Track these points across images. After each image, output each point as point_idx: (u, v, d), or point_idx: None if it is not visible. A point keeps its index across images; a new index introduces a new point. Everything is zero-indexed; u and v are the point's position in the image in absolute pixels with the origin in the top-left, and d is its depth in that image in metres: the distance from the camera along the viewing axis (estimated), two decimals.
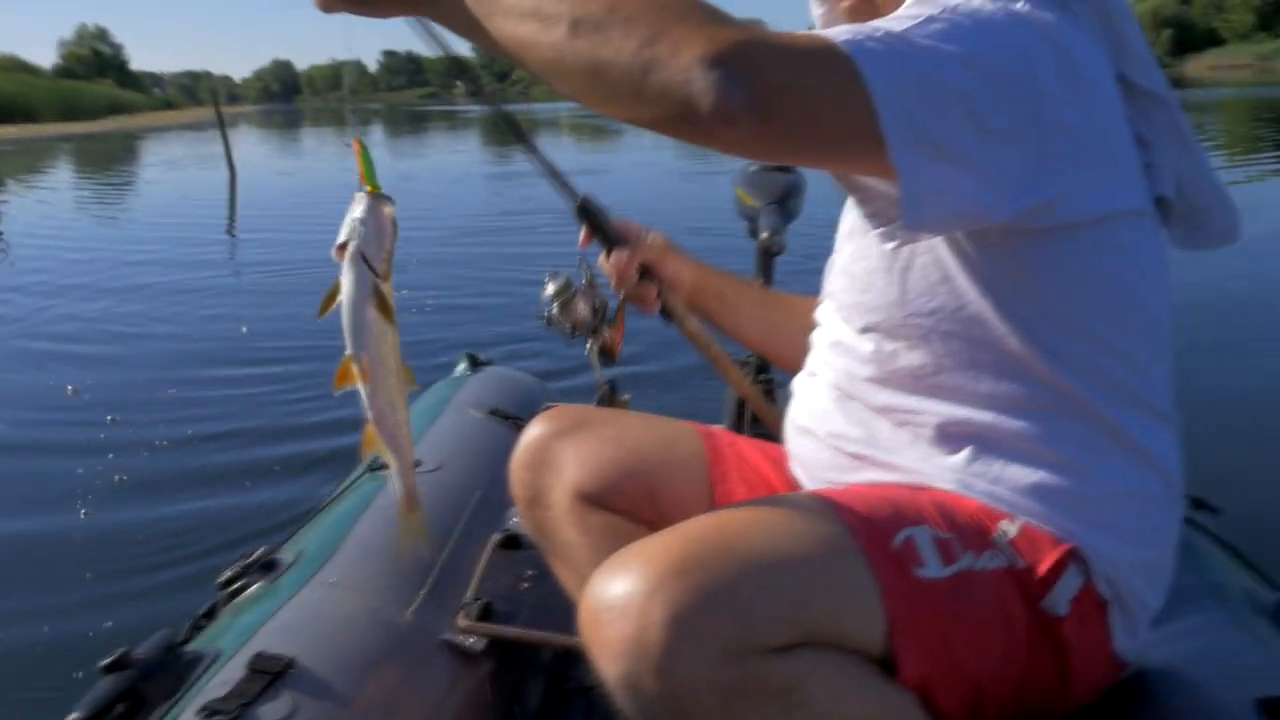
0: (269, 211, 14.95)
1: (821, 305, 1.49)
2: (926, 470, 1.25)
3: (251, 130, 53.47)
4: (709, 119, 0.92)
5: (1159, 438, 1.25)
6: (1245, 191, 12.41)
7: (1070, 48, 1.11)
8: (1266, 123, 26.25)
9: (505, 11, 1.01)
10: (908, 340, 1.26)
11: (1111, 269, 1.19)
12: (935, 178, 1.02)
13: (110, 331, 7.23)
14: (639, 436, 1.59)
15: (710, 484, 1.56)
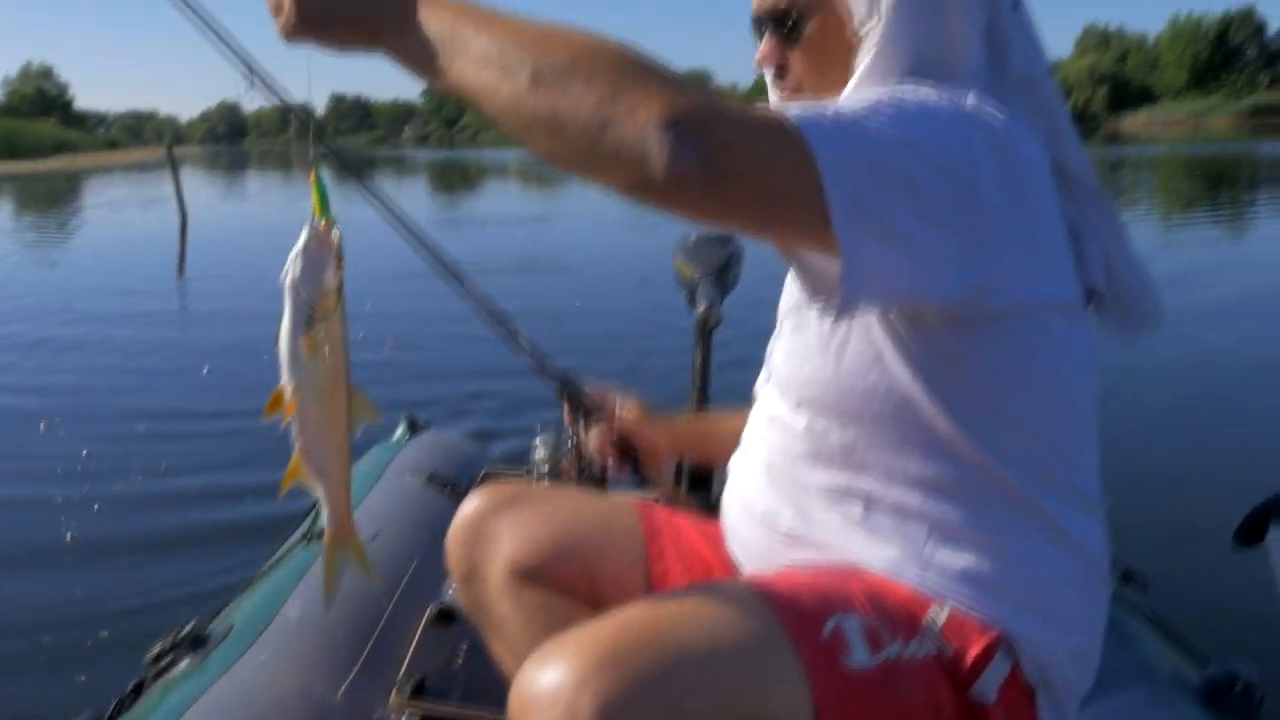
0: (218, 255, 14.85)
1: (760, 380, 1.50)
2: (857, 552, 1.25)
3: (197, 171, 52.89)
4: (661, 179, 0.92)
5: (1086, 523, 1.25)
6: (1181, 254, 12.72)
7: (1010, 142, 1.14)
8: (1201, 180, 26.90)
9: (469, 56, 1.00)
10: (839, 418, 1.26)
11: (1041, 358, 1.20)
12: (875, 254, 1.02)
13: (45, 383, 7.15)
14: (576, 512, 1.59)
15: (646, 561, 1.55)
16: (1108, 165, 34.23)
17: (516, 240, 15.25)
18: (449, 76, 1.03)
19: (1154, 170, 32.04)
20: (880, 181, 1.02)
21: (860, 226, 1.00)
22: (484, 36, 1.00)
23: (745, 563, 1.41)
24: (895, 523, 1.23)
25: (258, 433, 5.40)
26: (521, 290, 10.14)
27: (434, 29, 1.03)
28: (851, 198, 0.99)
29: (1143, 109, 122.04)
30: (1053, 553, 1.22)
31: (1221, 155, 40.04)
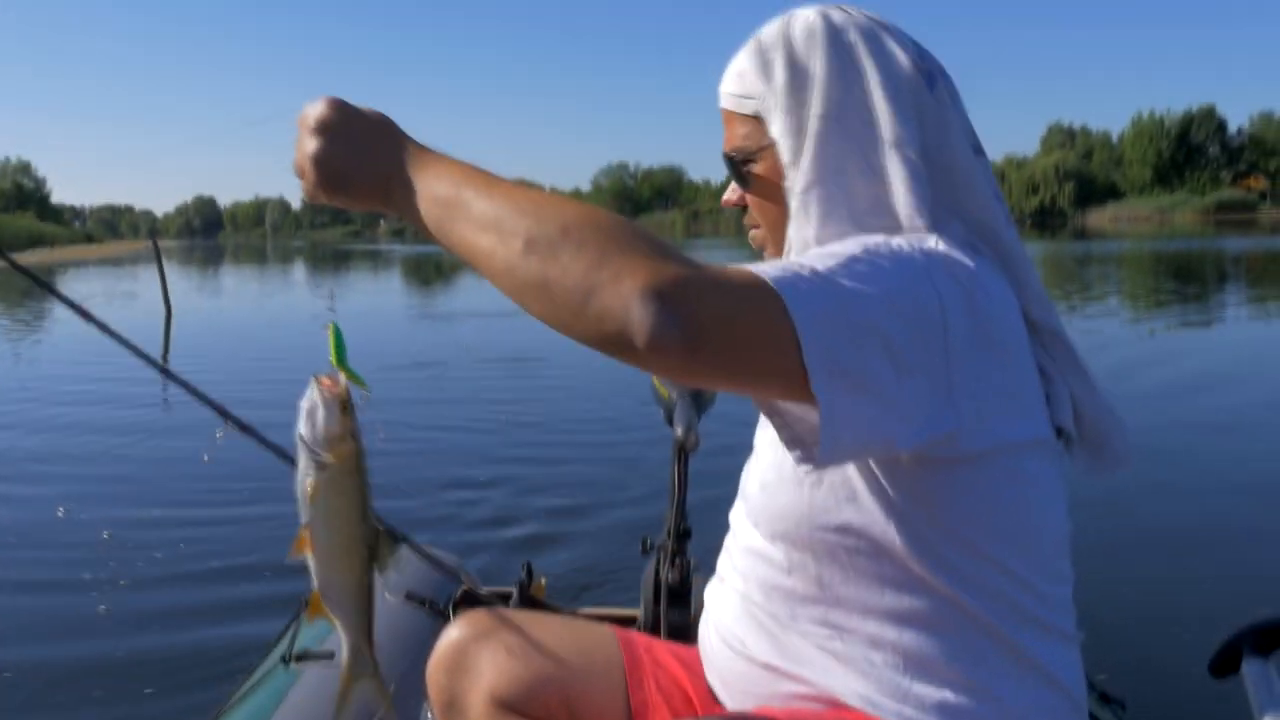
0: (200, 348, 14.94)
1: (735, 507, 1.50)
2: (835, 686, 1.26)
3: (173, 265, 52.91)
4: (643, 347, 0.95)
5: (1062, 657, 1.26)
6: (1150, 345, 12.87)
7: (977, 287, 1.16)
8: (1166, 276, 27.31)
9: (469, 220, 1.05)
10: (813, 552, 1.27)
11: (1013, 496, 1.21)
12: (851, 408, 1.04)
13: (33, 471, 7.15)
14: (557, 642, 1.59)
15: (627, 691, 1.55)
16: (1075, 261, 34.74)
17: (499, 336, 15.38)
18: (451, 236, 1.08)
19: (1122, 266, 32.51)
20: (854, 337, 1.04)
21: (837, 383, 1.03)
22: (484, 202, 1.05)
23: (723, 693, 1.42)
24: (871, 655, 1.24)
25: (236, 541, 5.48)
26: (500, 390, 10.18)
27: (440, 192, 1.09)
28: (827, 355, 1.02)
29: (1108, 205, 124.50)
30: (1028, 686, 1.23)
31: (1187, 250, 40.70)
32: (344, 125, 1.15)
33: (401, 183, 1.12)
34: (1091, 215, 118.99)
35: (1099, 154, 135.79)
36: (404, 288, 31.39)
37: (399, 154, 1.14)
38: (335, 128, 1.15)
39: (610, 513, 5.80)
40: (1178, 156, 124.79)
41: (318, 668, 2.11)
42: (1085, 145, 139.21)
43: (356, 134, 1.15)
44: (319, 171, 1.15)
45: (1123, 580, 4.46)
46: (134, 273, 44.18)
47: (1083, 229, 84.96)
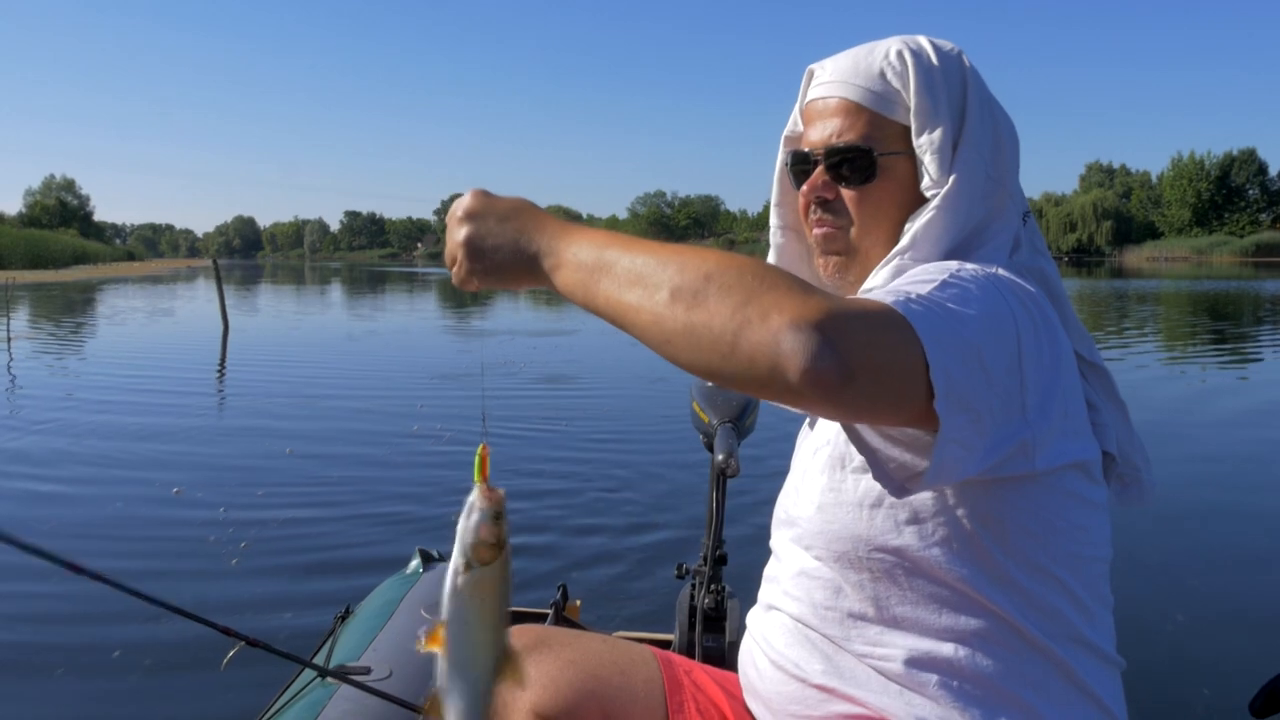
0: (253, 360, 15.78)
1: (776, 535, 1.52)
2: (889, 707, 1.28)
3: (211, 284, 53.39)
4: (797, 381, 0.96)
5: (1107, 681, 1.30)
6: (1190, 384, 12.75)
7: (1043, 314, 1.23)
8: (1202, 316, 27.07)
9: (614, 279, 1.09)
10: (871, 572, 1.31)
11: (1069, 516, 1.26)
12: (958, 428, 1.08)
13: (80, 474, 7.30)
14: (598, 660, 1.59)
15: (667, 712, 1.57)
16: (1114, 298, 34.48)
17: (541, 353, 15.79)
18: (598, 298, 1.12)
19: (1159, 304, 32.26)
20: (964, 358, 1.08)
21: (953, 404, 1.06)
22: (627, 260, 1.09)
23: (767, 718, 1.43)
24: (925, 676, 1.27)
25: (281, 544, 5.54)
26: (535, 409, 10.16)
27: (584, 258, 1.14)
28: (947, 377, 1.05)
29: (1146, 244, 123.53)
30: (1079, 709, 1.27)
31: (1225, 291, 40.35)
32: (489, 210, 1.22)
33: (547, 254, 1.17)
34: (1129, 254, 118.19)
35: (1138, 194, 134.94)
36: (436, 307, 31.57)
37: (542, 229, 1.19)
38: (482, 214, 1.22)
39: (645, 536, 5.82)
40: (1217, 198, 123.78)
41: (354, 681, 2.12)
42: (1124, 184, 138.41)
43: (500, 216, 1.22)
44: (471, 257, 1.21)
45: (1159, 613, 4.45)
46: (173, 290, 44.67)
47: (1120, 267, 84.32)
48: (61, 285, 44.17)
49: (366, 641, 2.37)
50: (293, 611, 4.31)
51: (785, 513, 1.49)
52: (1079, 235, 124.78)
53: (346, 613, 2.66)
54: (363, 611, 2.65)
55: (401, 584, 2.80)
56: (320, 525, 6.06)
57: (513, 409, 10.28)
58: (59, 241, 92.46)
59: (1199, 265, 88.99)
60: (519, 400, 11.00)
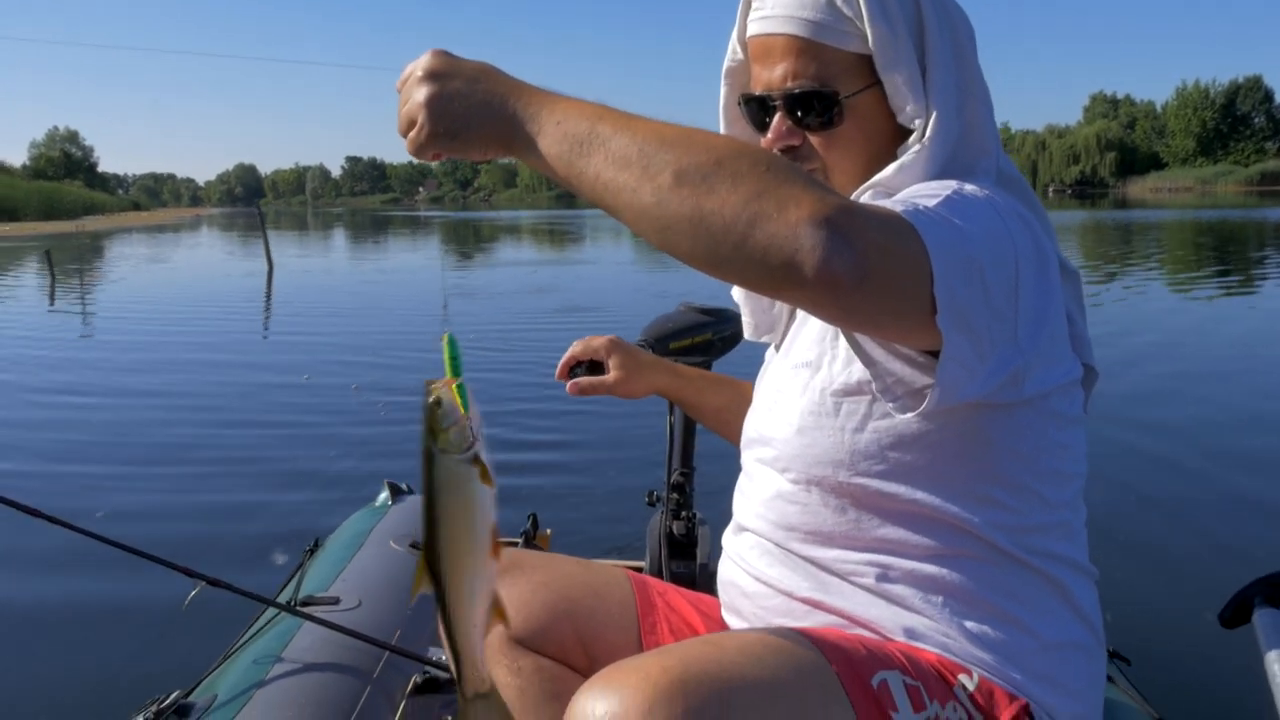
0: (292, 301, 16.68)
1: (746, 454, 1.49)
2: (879, 619, 1.27)
3: (215, 233, 53.42)
4: (812, 277, 0.93)
5: (1085, 591, 1.30)
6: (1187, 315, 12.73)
7: (1037, 235, 1.19)
8: (1207, 246, 26.98)
9: (607, 156, 1.01)
10: (852, 497, 1.28)
11: (1052, 435, 1.25)
12: (958, 347, 1.06)
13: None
14: (571, 581, 1.58)
15: (640, 633, 1.56)
16: (1118, 229, 34.36)
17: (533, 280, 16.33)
18: (585, 176, 1.04)
19: (1163, 233, 32.14)
20: (967, 274, 1.05)
21: (956, 323, 1.04)
22: (624, 136, 1.01)
23: None
24: (914, 593, 1.26)
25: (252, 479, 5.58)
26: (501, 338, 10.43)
27: (570, 130, 1.04)
28: (950, 290, 1.03)
29: (1150, 175, 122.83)
30: (1062, 618, 1.27)
31: (1229, 220, 40.15)
32: (455, 71, 1.10)
33: (527, 120, 1.07)
34: (1133, 185, 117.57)
35: (1142, 124, 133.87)
36: (447, 249, 31.58)
37: (519, 93, 1.09)
38: (448, 73, 1.10)
39: (615, 464, 5.82)
40: (1222, 127, 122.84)
41: (322, 613, 2.13)
42: (1128, 115, 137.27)
43: (469, 78, 1.10)
44: (434, 118, 1.09)
45: (1124, 532, 4.46)
46: (177, 239, 44.67)
47: (1124, 199, 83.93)
48: (80, 236, 44.18)
49: (335, 573, 2.37)
50: (261, 548, 4.26)
51: (757, 432, 1.45)
52: (1082, 167, 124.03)
53: (315, 546, 2.65)
54: (331, 545, 2.65)
55: (370, 516, 2.79)
56: (289, 459, 6.13)
57: (481, 336, 10.50)
58: (70, 193, 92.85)
59: (1203, 195, 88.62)
60: (486, 329, 11.21)
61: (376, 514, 2.80)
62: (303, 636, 2.05)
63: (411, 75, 1.11)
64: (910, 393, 1.18)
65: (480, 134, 1.09)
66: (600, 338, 1.81)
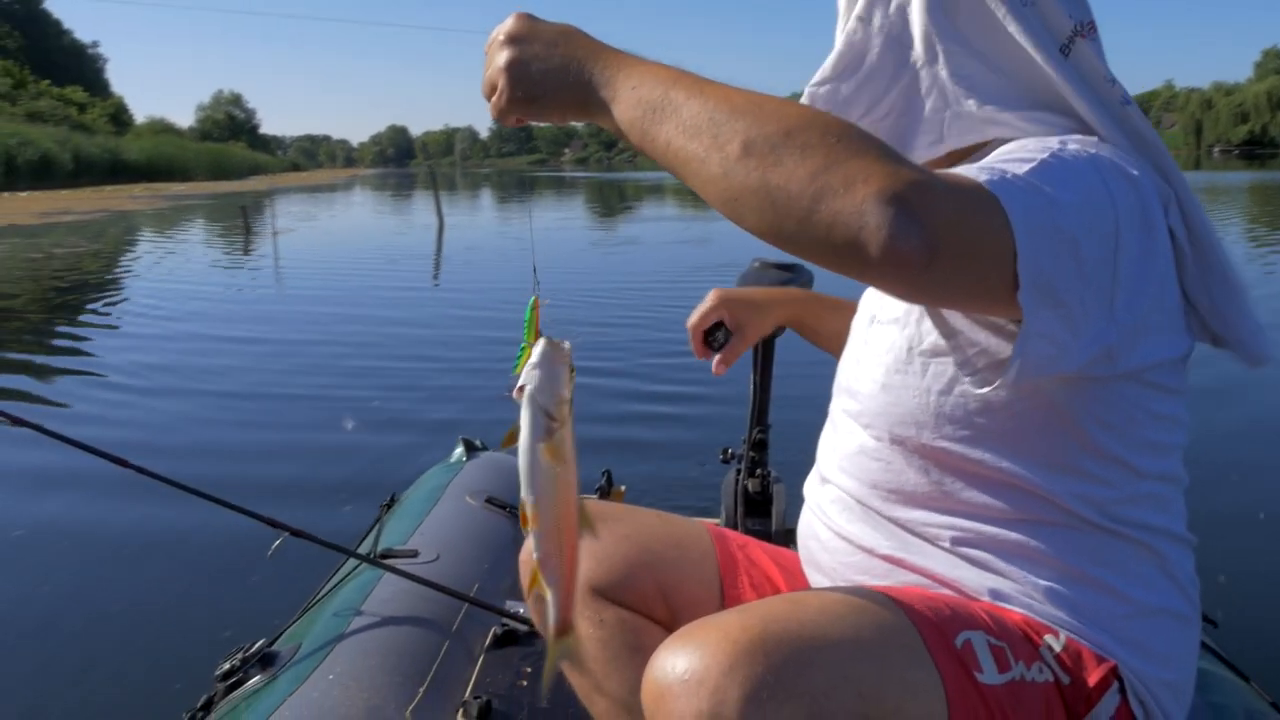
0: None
1: (835, 401, 1.46)
2: (962, 579, 1.24)
3: (368, 193, 55.07)
4: (877, 257, 0.91)
5: (1181, 559, 1.26)
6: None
7: (1147, 202, 1.12)
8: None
9: (679, 123, 1.01)
10: (935, 460, 1.25)
11: (1149, 406, 1.20)
12: (1044, 322, 1.02)
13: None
14: (652, 534, 1.56)
15: (721, 587, 1.54)
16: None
17: None
18: (657, 142, 1.03)
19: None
20: (1055, 247, 1.01)
21: (1041, 298, 1.00)
22: (696, 103, 1.01)
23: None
24: (997, 557, 1.23)
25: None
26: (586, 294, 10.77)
27: (644, 95, 1.04)
28: (1035, 265, 0.98)
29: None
30: (1156, 587, 1.23)
31: None
32: (535, 34, 1.11)
33: (603, 85, 1.08)
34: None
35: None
36: (596, 207, 31.89)
37: (596, 57, 1.09)
38: (528, 37, 1.11)
39: (690, 421, 5.82)
40: None
41: (401, 566, 2.16)
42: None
43: (548, 41, 1.11)
44: (513, 82, 1.10)
45: (1213, 498, 4.28)
46: (337, 197, 46.31)
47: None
48: (247, 194, 46.33)
49: (413, 527, 2.41)
50: (338, 502, 4.36)
51: (845, 380, 1.42)
52: (1251, 126, 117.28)
53: (392, 501, 2.70)
54: (408, 500, 2.69)
55: (446, 471, 2.82)
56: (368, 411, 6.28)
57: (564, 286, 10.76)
58: (237, 154, 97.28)
59: None
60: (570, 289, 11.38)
61: (452, 469, 2.83)
62: (383, 588, 2.09)
63: (495, 39, 1.12)
64: (993, 364, 1.14)
65: (557, 98, 1.10)
66: (706, 302, 1.79)
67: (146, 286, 13.88)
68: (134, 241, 23.01)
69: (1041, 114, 1.22)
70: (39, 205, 34.53)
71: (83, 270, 16.01)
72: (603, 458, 3.26)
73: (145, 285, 14.09)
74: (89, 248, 20.67)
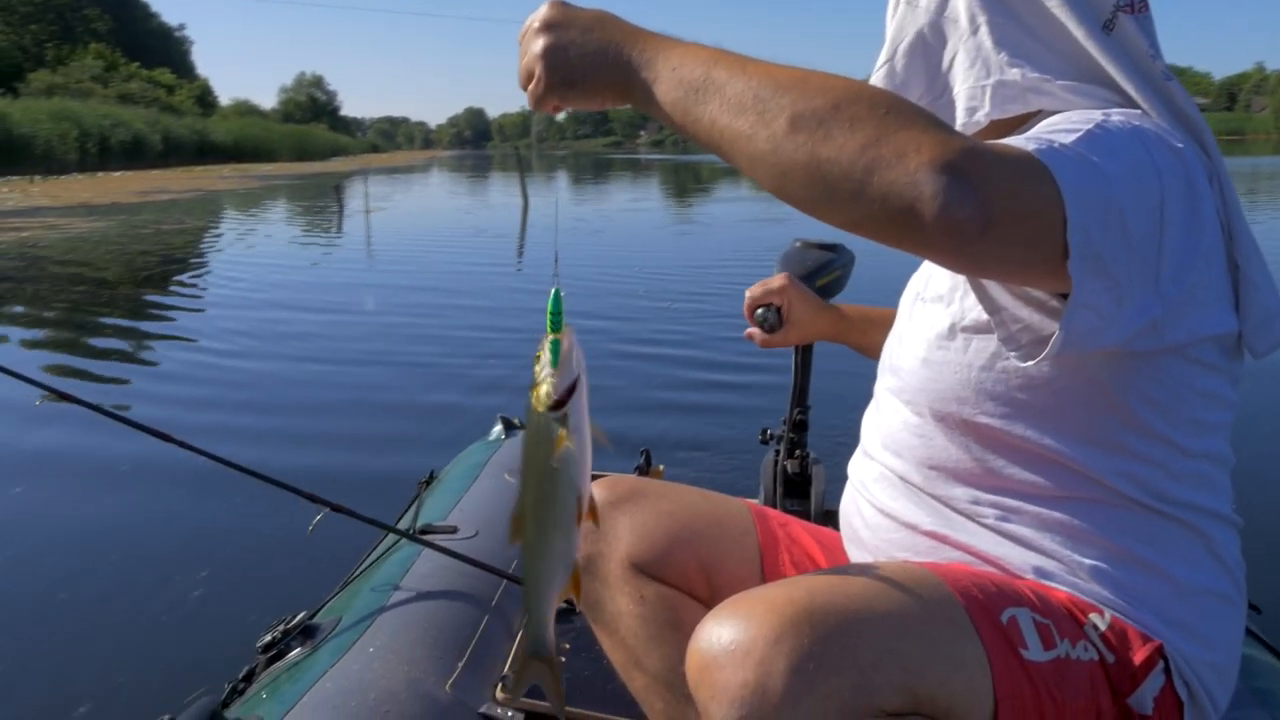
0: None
1: (880, 380, 1.46)
2: (1006, 557, 1.24)
3: (444, 174, 55.62)
4: (932, 226, 0.91)
5: (1227, 540, 1.24)
6: None
7: (1193, 177, 1.11)
8: None
9: (723, 102, 1.00)
10: (977, 435, 1.25)
11: (1194, 384, 1.18)
12: (1092, 293, 1.01)
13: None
14: (693, 510, 1.57)
15: (762, 564, 1.54)
16: None
17: None
18: (700, 122, 1.03)
19: None
20: (1105, 216, 1.00)
21: (1088, 266, 0.99)
22: (740, 81, 1.00)
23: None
24: (1041, 535, 1.22)
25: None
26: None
27: (687, 75, 1.03)
28: (1084, 235, 0.97)
29: None
30: (1201, 565, 1.22)
31: None
32: (571, 20, 1.11)
33: (642, 67, 1.07)
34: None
35: None
36: (658, 195, 31.87)
37: (634, 40, 1.09)
38: (564, 23, 1.11)
39: (729, 402, 5.78)
40: None
41: (441, 542, 2.18)
42: None
43: (584, 27, 1.11)
44: (550, 69, 1.10)
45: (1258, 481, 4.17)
46: (421, 178, 46.94)
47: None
48: (333, 175, 47.15)
49: (452, 504, 2.43)
50: (377, 478, 4.36)
51: (888, 359, 1.43)
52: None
53: (431, 478, 2.73)
54: (447, 476, 2.71)
55: (485, 449, 2.84)
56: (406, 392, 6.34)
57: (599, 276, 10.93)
58: (319, 136, 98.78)
59: None
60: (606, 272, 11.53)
61: (491, 447, 2.85)
62: (422, 564, 2.11)
63: (529, 27, 1.12)
64: (1037, 340, 1.12)
65: (596, 83, 1.09)
66: (776, 278, 1.80)
67: (245, 260, 14.39)
68: (234, 218, 23.61)
69: (1086, 86, 1.21)
70: (135, 185, 35.45)
71: (186, 246, 16.55)
72: (642, 436, 3.24)
73: (244, 259, 14.60)
74: (192, 224, 21.30)
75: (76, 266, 13.38)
